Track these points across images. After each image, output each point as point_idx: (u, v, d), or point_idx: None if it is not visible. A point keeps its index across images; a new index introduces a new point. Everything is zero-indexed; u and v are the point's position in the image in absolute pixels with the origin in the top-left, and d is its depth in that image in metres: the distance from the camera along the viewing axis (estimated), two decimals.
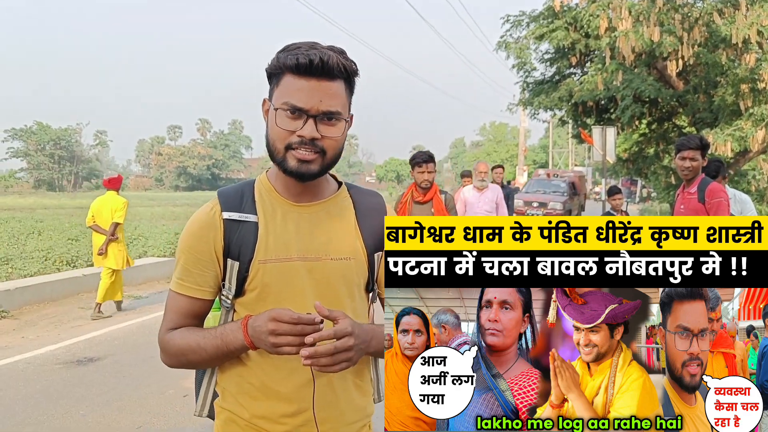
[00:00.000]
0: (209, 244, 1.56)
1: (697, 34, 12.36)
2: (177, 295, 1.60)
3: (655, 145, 17.13)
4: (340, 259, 1.58)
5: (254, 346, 1.45)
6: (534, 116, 18.06)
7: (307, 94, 1.45)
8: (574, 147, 56.78)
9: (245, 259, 1.54)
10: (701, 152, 4.64)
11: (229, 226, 1.56)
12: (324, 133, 1.48)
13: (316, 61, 1.44)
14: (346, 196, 1.67)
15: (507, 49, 16.60)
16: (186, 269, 1.58)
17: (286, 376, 1.56)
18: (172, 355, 1.59)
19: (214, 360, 1.56)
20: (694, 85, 13.69)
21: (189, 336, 1.55)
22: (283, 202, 1.59)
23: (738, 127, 12.28)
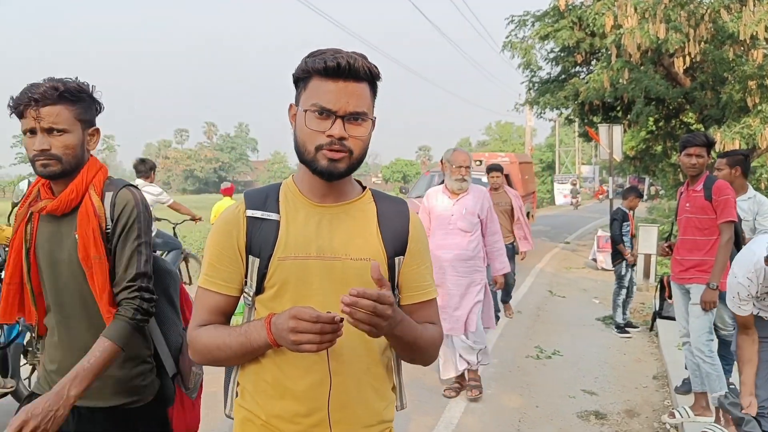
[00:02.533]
0: (233, 240, 1.62)
1: (703, 31, 12.28)
2: (204, 291, 1.66)
3: (662, 142, 17.04)
4: (359, 260, 1.61)
5: (277, 344, 1.49)
6: (540, 116, 17.99)
7: (335, 95, 1.52)
8: (581, 145, 56.58)
9: (265, 255, 1.59)
10: (707, 149, 4.61)
11: (251, 223, 1.62)
12: (351, 132, 1.54)
13: (343, 64, 1.51)
14: (370, 200, 1.71)
15: (512, 48, 16.55)
16: (212, 265, 1.65)
17: (301, 375, 1.58)
18: (199, 352, 1.64)
19: (239, 357, 1.60)
20: (702, 81, 13.60)
21: (215, 333, 1.60)
22: (307, 202, 1.64)
23: (746, 125, 12.19)
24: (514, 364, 6.54)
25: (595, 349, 7.16)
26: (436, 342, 1.71)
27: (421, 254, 1.71)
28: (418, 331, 1.62)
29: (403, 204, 1.75)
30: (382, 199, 1.73)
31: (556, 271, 13.25)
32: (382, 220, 1.67)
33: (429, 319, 1.71)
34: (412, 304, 1.70)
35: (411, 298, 1.70)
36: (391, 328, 1.48)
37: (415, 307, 1.70)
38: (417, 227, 1.73)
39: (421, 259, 1.71)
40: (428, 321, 1.71)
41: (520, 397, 5.58)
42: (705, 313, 4.48)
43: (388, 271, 1.65)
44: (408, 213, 1.73)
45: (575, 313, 9.20)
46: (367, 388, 1.64)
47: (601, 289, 11.17)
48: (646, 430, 4.93)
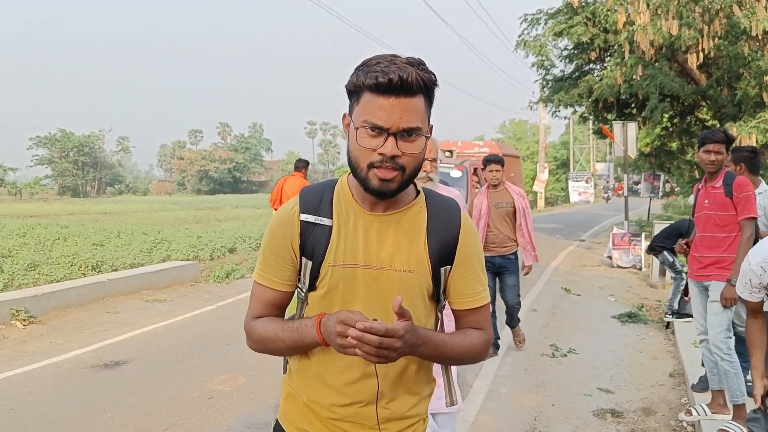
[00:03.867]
0: (287, 241, 1.68)
1: (717, 27, 12.20)
2: (258, 285, 1.73)
3: (677, 139, 16.95)
4: (404, 271, 1.64)
5: (326, 343, 1.56)
6: (555, 114, 17.95)
7: (387, 112, 1.49)
8: (595, 143, 56.30)
9: (317, 260, 1.65)
10: (726, 145, 4.56)
11: (305, 227, 1.66)
12: (404, 150, 1.52)
13: (395, 80, 1.47)
14: (422, 206, 1.70)
15: (526, 47, 16.52)
16: (267, 262, 1.71)
17: (339, 372, 1.66)
18: (255, 341, 1.72)
19: (291, 350, 1.69)
20: (717, 78, 13.51)
21: (270, 326, 1.68)
22: (358, 209, 1.66)
23: (762, 120, 12.10)
24: (529, 362, 6.53)
25: (611, 347, 7.14)
26: (478, 349, 1.73)
27: (470, 262, 1.71)
28: (449, 348, 1.65)
29: (455, 209, 1.73)
30: (434, 204, 1.72)
31: (570, 269, 13.20)
32: (431, 229, 1.67)
33: (476, 325, 1.74)
34: (460, 310, 1.74)
35: (460, 305, 1.73)
36: (409, 353, 1.53)
37: (463, 313, 1.74)
38: (468, 234, 1.72)
39: (471, 267, 1.71)
40: (475, 326, 1.74)
41: (535, 395, 5.58)
42: (723, 311, 4.45)
43: (432, 281, 1.67)
44: (459, 220, 1.71)
45: (591, 311, 9.17)
46: (398, 388, 1.70)
47: (616, 286, 11.13)
48: (663, 428, 4.91)
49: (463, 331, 1.72)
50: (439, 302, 1.73)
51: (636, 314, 8.59)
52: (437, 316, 1.76)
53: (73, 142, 72.59)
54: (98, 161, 76.40)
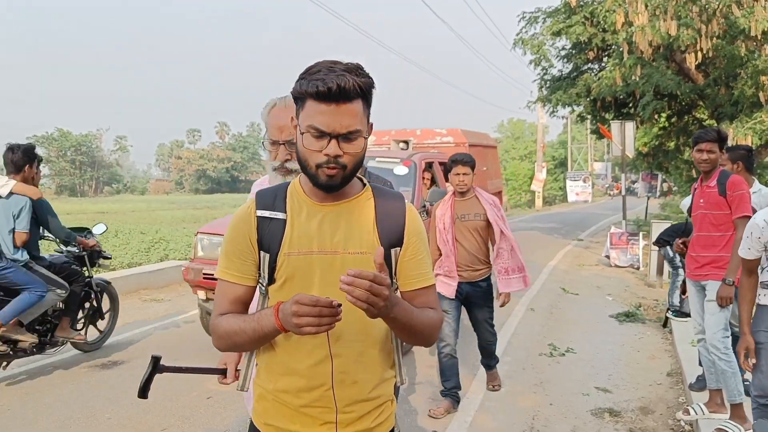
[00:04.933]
0: (245, 236, 1.79)
1: (715, 27, 12.21)
2: (221, 282, 1.83)
3: (675, 138, 16.97)
4: (357, 253, 1.75)
5: (284, 329, 1.62)
6: (553, 113, 17.95)
7: (328, 117, 1.65)
8: (593, 142, 56.34)
9: (274, 251, 1.76)
10: (719, 144, 4.58)
11: (261, 222, 1.79)
12: (345, 150, 1.67)
13: (334, 89, 1.61)
14: (369, 197, 1.84)
15: (524, 45, 16.52)
16: (228, 258, 1.81)
17: (304, 356, 1.75)
18: (220, 337, 1.80)
19: (254, 342, 1.75)
20: (714, 77, 13.52)
21: (233, 320, 1.76)
22: (310, 202, 1.80)
23: (759, 120, 12.13)
24: (527, 361, 6.54)
25: (608, 347, 7.15)
26: (434, 325, 1.84)
27: (417, 245, 1.84)
28: (415, 314, 1.75)
29: (400, 200, 1.88)
30: (380, 195, 1.86)
31: (568, 269, 13.22)
32: (380, 215, 1.81)
33: (428, 305, 1.85)
34: (410, 291, 1.83)
35: (409, 285, 1.83)
36: (388, 310, 1.59)
37: (413, 294, 1.83)
38: (413, 220, 1.85)
39: (418, 250, 1.84)
40: (427, 306, 1.84)
41: (534, 394, 5.59)
42: (721, 310, 4.46)
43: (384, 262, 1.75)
44: (404, 207, 1.86)
45: (589, 310, 9.18)
46: (365, 367, 1.79)
47: (614, 286, 11.15)
48: (661, 427, 4.92)
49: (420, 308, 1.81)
50: (391, 285, 1.78)
51: (634, 313, 8.61)
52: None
53: (70, 141, 72.53)
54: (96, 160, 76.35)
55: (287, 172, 2.48)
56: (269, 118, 2.55)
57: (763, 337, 3.65)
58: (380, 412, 1.84)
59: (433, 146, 11.03)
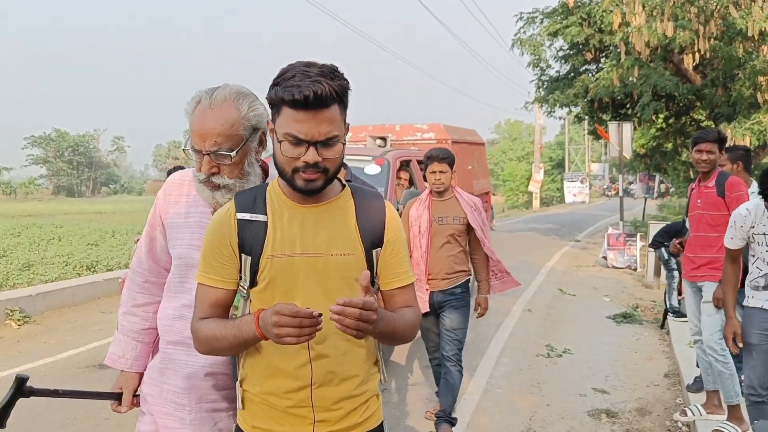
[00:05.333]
0: (225, 240, 1.77)
1: (713, 27, 12.23)
2: (202, 286, 1.81)
3: (672, 139, 16.97)
4: (340, 255, 1.76)
5: (264, 337, 1.62)
6: (550, 114, 17.96)
7: (305, 125, 1.64)
8: (591, 143, 56.36)
9: (256, 253, 1.75)
10: (718, 145, 4.58)
11: (242, 225, 1.77)
12: (325, 155, 1.67)
13: (310, 97, 1.60)
14: (349, 198, 1.84)
15: (522, 46, 16.53)
16: (208, 262, 1.80)
17: (289, 357, 1.74)
18: (201, 342, 1.79)
19: (234, 348, 1.74)
20: (712, 78, 13.54)
21: (213, 326, 1.75)
22: (290, 204, 1.78)
23: (756, 120, 12.14)
24: (524, 362, 6.54)
25: (606, 348, 7.15)
26: (413, 326, 1.87)
27: (396, 244, 1.86)
28: (395, 322, 1.77)
29: (379, 198, 1.89)
30: (360, 196, 1.86)
31: (566, 270, 13.22)
32: (360, 216, 1.81)
33: (407, 303, 1.87)
34: (391, 290, 1.86)
35: (390, 284, 1.85)
36: (374, 329, 1.62)
37: (394, 292, 1.86)
38: (393, 219, 1.86)
39: (398, 249, 1.86)
40: (406, 305, 1.87)
41: (531, 395, 5.58)
42: (717, 311, 4.45)
43: (366, 263, 1.80)
44: (384, 207, 1.86)
45: (586, 311, 9.18)
46: (351, 366, 1.79)
47: (611, 287, 11.15)
48: (658, 428, 4.92)
49: (398, 310, 1.84)
50: (373, 285, 1.80)
51: (631, 315, 8.61)
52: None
53: (68, 141, 72.33)
54: (93, 161, 76.17)
55: (214, 187, 2.05)
56: (192, 119, 2.08)
57: (753, 338, 3.71)
58: (366, 407, 1.85)
59: (413, 143, 10.13)
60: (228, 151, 2.00)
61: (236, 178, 2.05)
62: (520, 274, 6.57)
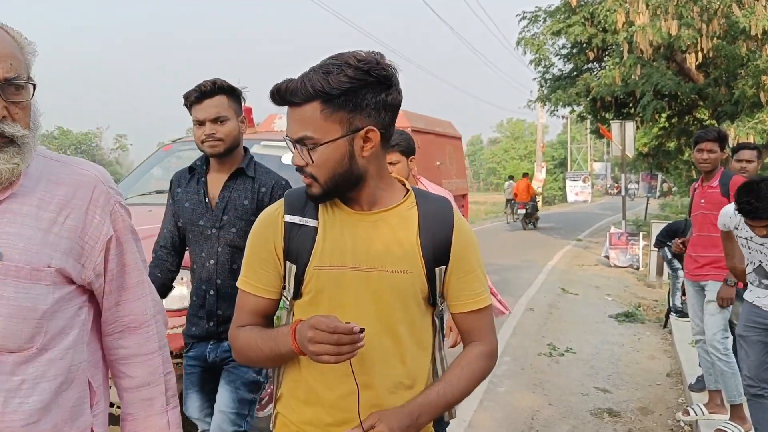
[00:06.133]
0: (270, 244, 1.61)
1: (716, 26, 12.21)
2: (242, 292, 1.66)
3: (675, 139, 16.96)
4: (396, 272, 1.55)
5: (301, 352, 1.46)
6: (552, 113, 17.94)
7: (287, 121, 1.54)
8: (593, 142, 56.31)
9: (302, 263, 1.57)
10: (719, 144, 4.56)
11: (289, 229, 1.59)
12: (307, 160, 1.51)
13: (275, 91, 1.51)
14: (412, 204, 1.62)
15: (525, 45, 16.54)
16: (251, 266, 1.64)
17: (332, 384, 1.56)
18: (237, 351, 1.65)
19: (270, 360, 1.61)
20: (715, 77, 13.52)
21: (250, 335, 1.60)
22: (344, 209, 1.59)
23: (759, 120, 12.12)
24: (526, 361, 6.53)
25: (608, 347, 7.14)
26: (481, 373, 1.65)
27: (466, 261, 1.63)
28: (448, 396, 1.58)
29: (447, 206, 1.66)
30: (425, 202, 1.64)
31: (568, 269, 13.20)
32: (424, 227, 1.59)
33: (478, 333, 1.66)
34: (460, 314, 1.66)
35: (458, 307, 1.65)
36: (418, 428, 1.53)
37: (463, 317, 1.66)
38: (462, 232, 1.63)
39: (468, 267, 1.63)
40: (476, 336, 1.66)
41: (533, 394, 5.57)
42: (720, 311, 4.44)
43: (427, 282, 1.59)
44: (452, 217, 1.64)
45: (588, 310, 9.17)
46: (400, 401, 1.56)
47: (613, 286, 11.13)
48: (660, 427, 4.91)
49: (459, 361, 1.64)
50: (436, 306, 1.64)
51: (633, 314, 8.59)
52: (434, 322, 1.67)
53: (70, 139, 72.28)
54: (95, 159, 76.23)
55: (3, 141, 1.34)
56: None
57: (746, 331, 3.77)
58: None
59: None
60: (28, 81, 1.38)
61: (28, 129, 1.43)
62: (522, 273, 6.55)
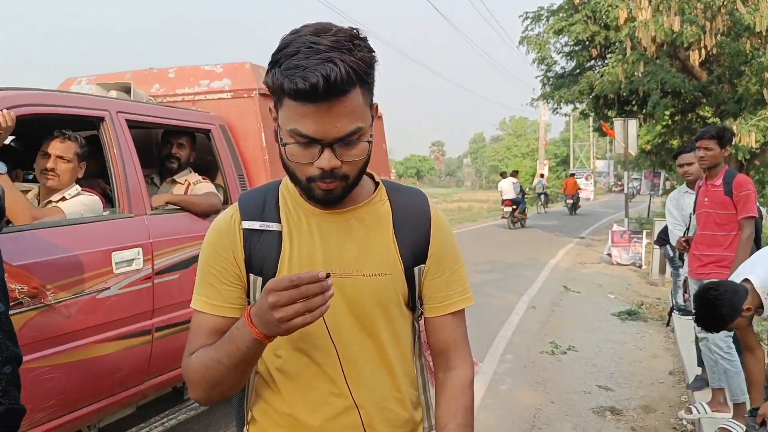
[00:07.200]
0: (229, 255, 1.39)
1: (720, 23, 12.15)
2: (198, 314, 1.40)
3: (678, 136, 16.92)
4: (374, 276, 1.39)
5: (266, 336, 1.22)
6: (555, 111, 17.92)
7: (315, 121, 1.22)
8: (596, 140, 56.28)
9: (268, 273, 1.38)
10: (718, 141, 4.54)
11: (249, 236, 1.39)
12: (345, 158, 1.27)
13: (320, 85, 1.18)
14: (384, 199, 1.47)
15: (528, 44, 16.54)
16: (207, 283, 1.40)
17: (315, 407, 1.40)
18: (195, 383, 1.37)
19: (233, 371, 1.31)
20: (718, 75, 13.48)
21: (203, 354, 1.35)
22: (309, 208, 1.41)
23: (762, 117, 12.07)
24: (528, 359, 6.52)
25: (610, 345, 7.12)
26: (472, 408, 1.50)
27: (445, 259, 1.49)
28: None
29: (421, 198, 1.51)
30: (397, 196, 1.48)
31: (570, 267, 13.19)
32: (399, 223, 1.44)
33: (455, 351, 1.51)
34: (441, 317, 1.49)
35: (441, 309, 1.49)
36: None
37: (441, 322, 1.50)
38: (440, 226, 1.50)
39: (446, 265, 1.49)
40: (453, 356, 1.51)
41: (535, 392, 5.56)
42: None
43: (406, 283, 1.44)
44: (428, 209, 1.49)
45: (590, 308, 9.15)
46: (393, 417, 1.46)
47: (616, 284, 11.12)
48: (663, 426, 4.89)
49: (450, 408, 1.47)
50: (415, 309, 1.50)
51: (636, 312, 8.57)
52: (414, 327, 1.53)
53: None
54: None
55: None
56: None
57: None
58: None
59: (193, 100, 4.97)
60: None
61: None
62: (525, 271, 6.54)
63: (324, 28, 1.23)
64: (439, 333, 1.50)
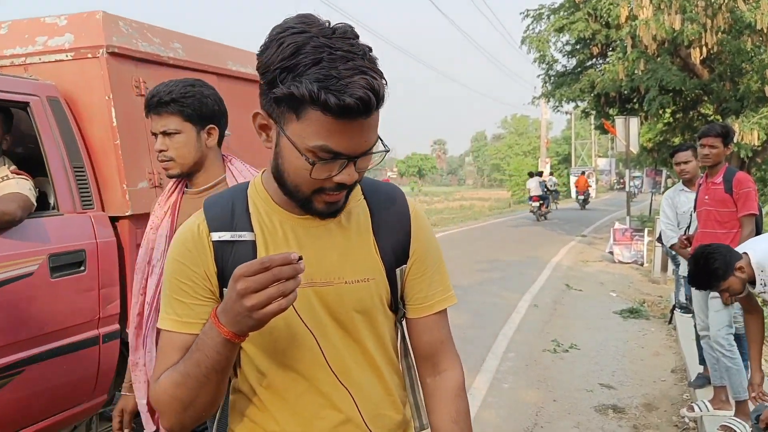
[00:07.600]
0: (199, 269, 1.27)
1: (721, 21, 12.15)
2: (170, 333, 1.27)
3: (680, 134, 16.93)
4: (356, 282, 1.31)
5: (236, 335, 1.12)
6: (557, 109, 17.94)
7: (351, 138, 1.14)
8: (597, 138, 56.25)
9: None
10: (721, 140, 4.55)
11: (220, 248, 1.28)
12: (359, 169, 1.21)
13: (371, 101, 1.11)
14: (360, 198, 1.37)
15: (530, 43, 16.56)
16: (177, 300, 1.28)
17: (308, 423, 1.32)
18: (165, 406, 1.24)
19: (205, 384, 1.19)
20: (719, 72, 13.48)
21: (171, 371, 1.22)
22: (284, 214, 1.30)
23: (764, 115, 12.08)
24: (531, 357, 6.53)
25: (612, 343, 7.13)
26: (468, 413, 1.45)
27: (427, 257, 1.41)
28: None
29: (399, 194, 1.42)
30: (373, 193, 1.39)
31: (572, 265, 13.18)
32: (377, 222, 1.36)
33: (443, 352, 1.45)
34: (425, 318, 1.42)
35: (426, 310, 1.42)
36: None
37: (424, 323, 1.43)
38: (421, 225, 1.42)
39: (428, 264, 1.41)
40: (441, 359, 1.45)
41: (537, 391, 5.57)
42: (725, 307, 4.44)
43: (389, 286, 1.37)
44: (407, 206, 1.41)
45: (592, 306, 9.15)
46: (386, 420, 1.40)
47: (618, 282, 11.12)
48: (665, 424, 4.90)
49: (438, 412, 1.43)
50: (398, 311, 1.43)
51: (638, 310, 8.57)
52: (397, 328, 1.47)
53: None
54: None
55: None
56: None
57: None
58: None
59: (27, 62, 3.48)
60: None
61: None
62: (527, 270, 6.54)
63: (340, 36, 1.14)
64: (425, 335, 1.43)
